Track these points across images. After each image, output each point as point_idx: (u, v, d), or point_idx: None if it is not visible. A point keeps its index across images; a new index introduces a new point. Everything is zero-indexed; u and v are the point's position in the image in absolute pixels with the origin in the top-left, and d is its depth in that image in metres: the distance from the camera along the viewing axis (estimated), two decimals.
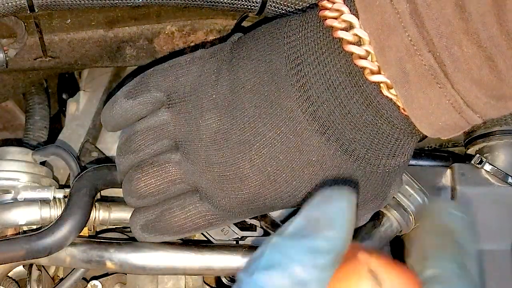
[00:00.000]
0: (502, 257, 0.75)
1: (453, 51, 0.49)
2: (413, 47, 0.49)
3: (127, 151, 0.64)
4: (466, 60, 0.49)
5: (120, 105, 0.64)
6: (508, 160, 0.77)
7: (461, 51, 0.49)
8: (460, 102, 0.50)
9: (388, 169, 0.60)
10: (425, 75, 0.50)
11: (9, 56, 0.75)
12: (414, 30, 0.49)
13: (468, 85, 0.49)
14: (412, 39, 0.49)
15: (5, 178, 0.72)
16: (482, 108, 0.51)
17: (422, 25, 0.49)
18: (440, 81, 0.50)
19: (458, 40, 0.48)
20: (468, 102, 0.50)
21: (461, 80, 0.49)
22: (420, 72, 0.50)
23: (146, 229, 0.65)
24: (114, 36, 0.79)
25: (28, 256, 0.67)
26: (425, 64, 0.49)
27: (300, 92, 0.56)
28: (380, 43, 0.51)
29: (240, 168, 0.60)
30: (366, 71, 0.52)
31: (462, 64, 0.49)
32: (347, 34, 0.53)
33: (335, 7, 0.54)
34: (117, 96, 0.65)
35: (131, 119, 0.64)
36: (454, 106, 0.50)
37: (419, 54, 0.49)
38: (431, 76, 0.50)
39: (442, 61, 0.49)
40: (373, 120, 0.55)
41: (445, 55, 0.49)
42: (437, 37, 0.49)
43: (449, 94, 0.50)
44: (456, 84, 0.50)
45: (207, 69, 0.61)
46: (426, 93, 0.50)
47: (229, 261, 0.70)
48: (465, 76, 0.49)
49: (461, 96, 0.50)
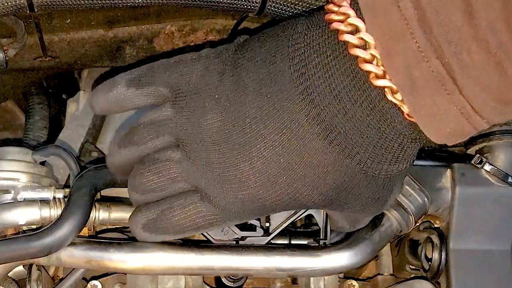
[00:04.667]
0: (502, 257, 0.75)
1: (462, 57, 0.48)
2: (420, 53, 0.49)
3: (129, 143, 0.63)
4: (475, 66, 0.48)
5: (120, 91, 0.62)
6: (508, 160, 0.77)
7: (470, 58, 0.48)
8: (468, 108, 0.50)
9: (390, 175, 0.60)
10: (433, 81, 0.50)
11: (9, 56, 0.75)
12: (422, 37, 0.49)
13: (477, 91, 0.49)
14: (420, 45, 0.49)
15: (5, 178, 0.72)
16: (489, 114, 0.50)
17: (430, 32, 0.48)
18: (448, 87, 0.49)
19: (467, 47, 0.48)
20: (476, 108, 0.50)
21: (470, 87, 0.49)
22: (428, 79, 0.50)
23: (147, 228, 0.65)
24: (114, 36, 0.80)
25: (28, 256, 0.67)
26: (433, 71, 0.49)
27: (304, 94, 0.56)
28: (387, 49, 0.50)
29: (240, 170, 0.59)
30: (371, 75, 0.52)
31: (471, 71, 0.49)
32: (353, 37, 0.52)
33: (341, 10, 0.53)
34: (117, 80, 0.63)
35: (126, 107, 0.63)
36: (462, 112, 0.50)
37: (427, 61, 0.49)
38: (439, 82, 0.49)
39: (450, 67, 0.49)
40: (376, 124, 0.55)
41: (453, 61, 0.49)
42: (446, 43, 0.48)
43: (458, 101, 0.50)
44: (464, 91, 0.49)
45: (211, 69, 0.61)
46: (434, 99, 0.50)
47: (229, 261, 0.70)
48: (474, 82, 0.49)
49: (469, 102, 0.50)
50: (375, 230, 0.73)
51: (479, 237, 0.75)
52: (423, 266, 0.79)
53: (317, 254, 0.71)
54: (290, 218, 0.72)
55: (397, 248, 0.87)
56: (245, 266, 0.70)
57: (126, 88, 0.62)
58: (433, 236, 0.77)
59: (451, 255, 0.75)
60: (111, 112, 0.65)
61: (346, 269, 0.72)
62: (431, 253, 0.76)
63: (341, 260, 0.71)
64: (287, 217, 0.72)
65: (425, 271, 0.78)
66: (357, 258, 0.71)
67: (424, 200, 0.74)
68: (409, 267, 0.84)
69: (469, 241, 0.75)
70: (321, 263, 0.71)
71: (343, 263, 0.71)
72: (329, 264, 0.71)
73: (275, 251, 0.71)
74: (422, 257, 0.79)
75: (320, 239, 0.73)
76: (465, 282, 0.74)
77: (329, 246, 0.72)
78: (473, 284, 0.75)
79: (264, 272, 0.71)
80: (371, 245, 0.72)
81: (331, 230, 0.73)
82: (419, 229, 0.81)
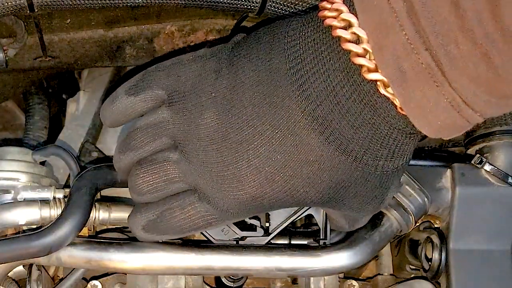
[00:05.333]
0: (502, 257, 0.75)
1: (449, 48, 0.49)
2: (410, 45, 0.49)
3: (127, 149, 0.64)
4: (462, 57, 0.49)
5: (121, 101, 0.63)
6: (508, 160, 0.77)
7: (457, 49, 0.48)
8: (458, 101, 0.50)
9: (387, 171, 0.60)
10: (423, 73, 0.50)
11: (9, 56, 0.75)
12: (411, 29, 0.49)
13: (465, 83, 0.49)
14: (409, 37, 0.49)
15: (5, 178, 0.72)
16: (482, 107, 0.50)
17: (419, 24, 0.49)
18: (437, 79, 0.50)
19: (454, 38, 0.48)
20: (466, 100, 0.50)
21: (458, 78, 0.49)
22: (418, 71, 0.50)
23: (148, 229, 0.65)
24: (114, 36, 0.80)
25: (28, 256, 0.67)
26: (422, 63, 0.49)
27: (299, 90, 0.56)
28: (378, 43, 0.51)
29: (238, 168, 0.60)
30: (363, 69, 0.53)
31: (459, 62, 0.49)
32: (346, 32, 0.53)
33: (334, 6, 0.54)
34: (118, 92, 0.64)
35: (131, 115, 0.64)
36: (453, 105, 0.50)
37: (416, 53, 0.49)
38: (428, 74, 0.50)
39: (438, 59, 0.49)
40: (370, 119, 0.55)
41: (441, 53, 0.49)
42: (433, 35, 0.49)
43: (447, 93, 0.50)
44: (453, 82, 0.49)
45: (207, 68, 0.61)
46: (423, 91, 0.50)
47: (229, 261, 0.70)
48: (461, 73, 0.49)
49: (459, 95, 0.50)
50: (375, 230, 0.73)
51: (479, 237, 0.75)
52: (423, 266, 0.79)
53: (317, 254, 0.71)
54: (290, 218, 0.72)
55: (397, 248, 0.87)
56: (245, 266, 0.70)
57: (126, 98, 0.63)
58: (433, 236, 0.77)
59: (451, 255, 0.75)
60: (121, 123, 0.66)
61: (346, 269, 0.72)
62: (431, 253, 0.76)
63: (341, 260, 0.71)
64: (287, 217, 0.72)
65: (425, 271, 0.78)
66: (357, 258, 0.71)
67: (424, 200, 0.74)
68: (409, 267, 0.84)
69: (469, 241, 0.75)
70: (321, 263, 0.71)
71: (343, 263, 0.71)
72: (329, 264, 0.71)
73: (275, 251, 0.71)
74: (422, 257, 0.79)
75: (320, 239, 0.73)
76: (465, 282, 0.74)
77: (329, 246, 0.72)
78: (473, 284, 0.75)
79: (264, 272, 0.71)
80: (371, 245, 0.72)
81: (331, 230, 0.73)
82: (419, 229, 0.81)
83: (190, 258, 0.70)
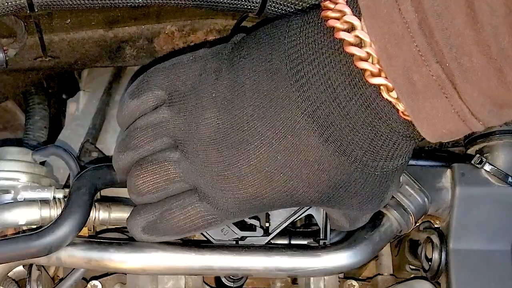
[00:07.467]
0: (502, 257, 0.75)
1: (463, 61, 0.48)
2: (421, 57, 0.49)
3: (127, 148, 0.64)
4: (475, 71, 0.48)
5: (127, 106, 0.64)
6: (508, 160, 0.77)
7: (471, 62, 0.48)
8: (465, 111, 0.50)
9: (386, 171, 0.60)
10: (432, 85, 0.50)
11: (9, 56, 0.75)
12: (422, 41, 0.49)
13: (475, 95, 0.49)
14: (420, 50, 0.49)
15: (5, 178, 0.72)
16: (486, 116, 0.51)
17: (431, 36, 0.48)
18: (447, 91, 0.50)
19: (468, 51, 0.48)
20: (473, 111, 0.50)
21: (469, 91, 0.49)
22: (427, 83, 0.50)
23: (147, 231, 0.65)
24: (114, 36, 0.79)
25: (28, 256, 0.67)
26: (433, 75, 0.49)
27: (299, 91, 0.56)
28: (387, 52, 0.50)
29: (238, 168, 0.60)
30: (366, 73, 0.52)
31: (471, 75, 0.49)
32: (349, 35, 0.52)
33: (337, 7, 0.54)
34: (125, 97, 0.65)
35: (137, 118, 0.65)
36: (459, 115, 0.50)
37: (427, 65, 0.49)
38: (438, 86, 0.49)
39: (451, 72, 0.49)
40: (371, 122, 0.55)
41: (454, 66, 0.49)
42: (447, 47, 0.48)
43: (456, 104, 0.50)
44: (463, 94, 0.49)
45: (208, 68, 0.61)
46: (432, 103, 0.50)
47: (229, 261, 0.70)
48: (473, 87, 0.49)
49: (468, 106, 0.50)
50: (375, 230, 0.73)
51: (479, 237, 0.75)
52: (423, 266, 0.79)
53: (317, 254, 0.71)
54: (290, 218, 0.72)
55: (397, 248, 0.87)
56: (245, 266, 0.70)
57: (130, 102, 0.64)
58: (433, 236, 0.77)
59: (451, 255, 0.75)
60: None
61: (346, 269, 0.72)
62: (431, 253, 0.76)
63: (341, 260, 0.71)
64: (287, 217, 0.72)
65: (425, 271, 0.78)
66: (357, 258, 0.71)
67: (424, 200, 0.74)
68: (409, 267, 0.84)
69: (469, 241, 0.75)
70: (321, 263, 0.71)
71: (343, 263, 0.71)
72: (329, 264, 0.71)
73: (275, 251, 0.71)
74: (422, 257, 0.79)
75: (320, 239, 0.73)
76: (465, 282, 0.74)
77: (329, 246, 0.72)
78: (473, 284, 0.75)
79: (264, 272, 0.71)
80: (371, 245, 0.72)
81: (331, 230, 0.73)
82: (419, 229, 0.81)
83: (190, 258, 0.70)
